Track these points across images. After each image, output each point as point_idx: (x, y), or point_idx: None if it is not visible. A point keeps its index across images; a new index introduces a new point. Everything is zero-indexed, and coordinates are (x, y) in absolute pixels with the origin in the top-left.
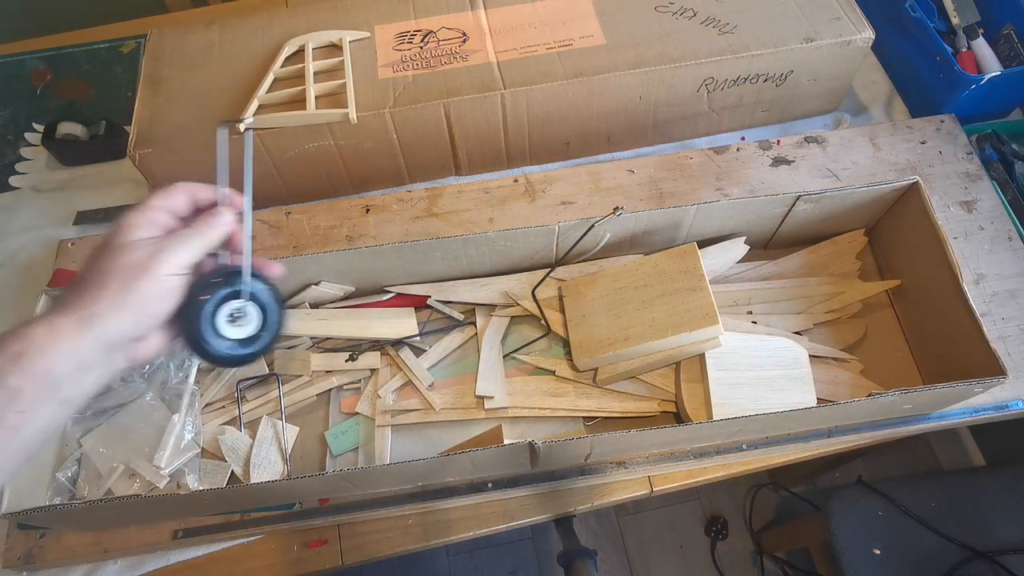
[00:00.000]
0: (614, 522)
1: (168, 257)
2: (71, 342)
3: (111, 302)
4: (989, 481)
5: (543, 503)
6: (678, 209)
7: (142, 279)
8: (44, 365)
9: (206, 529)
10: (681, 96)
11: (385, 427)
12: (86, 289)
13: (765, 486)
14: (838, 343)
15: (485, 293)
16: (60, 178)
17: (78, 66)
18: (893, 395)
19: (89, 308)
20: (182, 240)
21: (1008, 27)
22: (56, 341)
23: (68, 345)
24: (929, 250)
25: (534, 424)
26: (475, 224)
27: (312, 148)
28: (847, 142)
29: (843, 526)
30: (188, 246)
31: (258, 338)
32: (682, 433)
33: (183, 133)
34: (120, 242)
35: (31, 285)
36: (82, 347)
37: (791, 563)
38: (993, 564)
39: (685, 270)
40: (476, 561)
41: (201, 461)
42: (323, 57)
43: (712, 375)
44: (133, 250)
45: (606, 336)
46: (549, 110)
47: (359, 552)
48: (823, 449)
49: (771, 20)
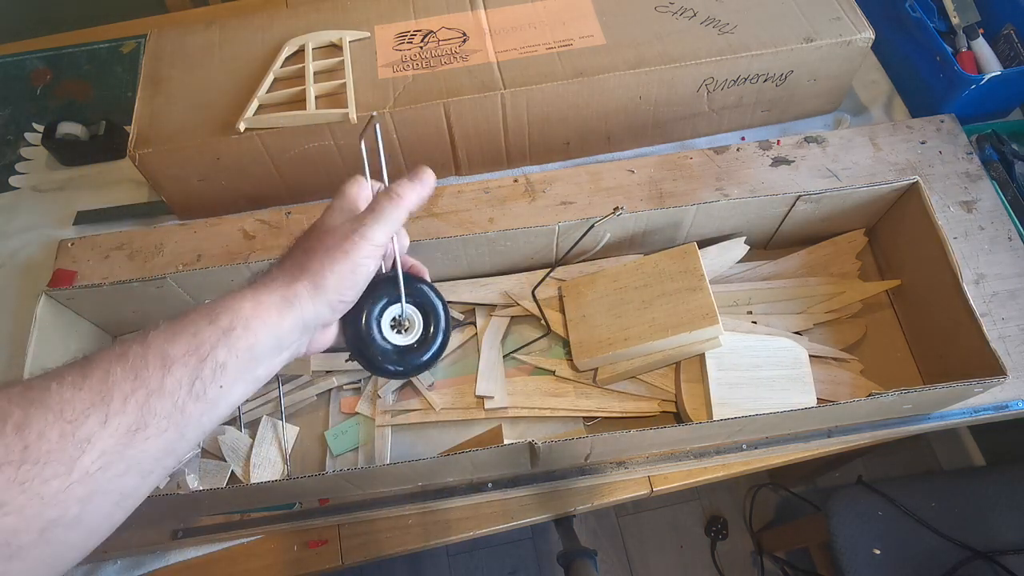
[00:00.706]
0: (614, 522)
1: (364, 235)
2: (275, 320)
3: (311, 285)
4: (989, 481)
5: (543, 503)
6: (678, 209)
7: (341, 261)
8: (249, 341)
9: (206, 529)
10: (681, 96)
11: (385, 427)
12: (289, 268)
13: (765, 486)
14: (838, 343)
15: (485, 293)
16: (60, 178)
17: (78, 66)
18: (893, 395)
19: (292, 288)
20: (375, 218)
21: (1008, 27)
22: (262, 318)
23: (272, 323)
24: (929, 250)
25: (534, 424)
26: (475, 224)
27: (312, 148)
28: (847, 142)
29: (843, 526)
30: (381, 223)
31: (424, 345)
32: (682, 433)
33: (183, 133)
34: (324, 225)
35: (31, 285)
36: (283, 327)
37: (791, 563)
38: (993, 564)
39: (685, 270)
40: (476, 561)
41: (201, 461)
42: (323, 57)
43: (712, 375)
44: (333, 232)
45: (606, 336)
46: (549, 110)
47: (359, 552)
48: (823, 449)
49: (771, 20)
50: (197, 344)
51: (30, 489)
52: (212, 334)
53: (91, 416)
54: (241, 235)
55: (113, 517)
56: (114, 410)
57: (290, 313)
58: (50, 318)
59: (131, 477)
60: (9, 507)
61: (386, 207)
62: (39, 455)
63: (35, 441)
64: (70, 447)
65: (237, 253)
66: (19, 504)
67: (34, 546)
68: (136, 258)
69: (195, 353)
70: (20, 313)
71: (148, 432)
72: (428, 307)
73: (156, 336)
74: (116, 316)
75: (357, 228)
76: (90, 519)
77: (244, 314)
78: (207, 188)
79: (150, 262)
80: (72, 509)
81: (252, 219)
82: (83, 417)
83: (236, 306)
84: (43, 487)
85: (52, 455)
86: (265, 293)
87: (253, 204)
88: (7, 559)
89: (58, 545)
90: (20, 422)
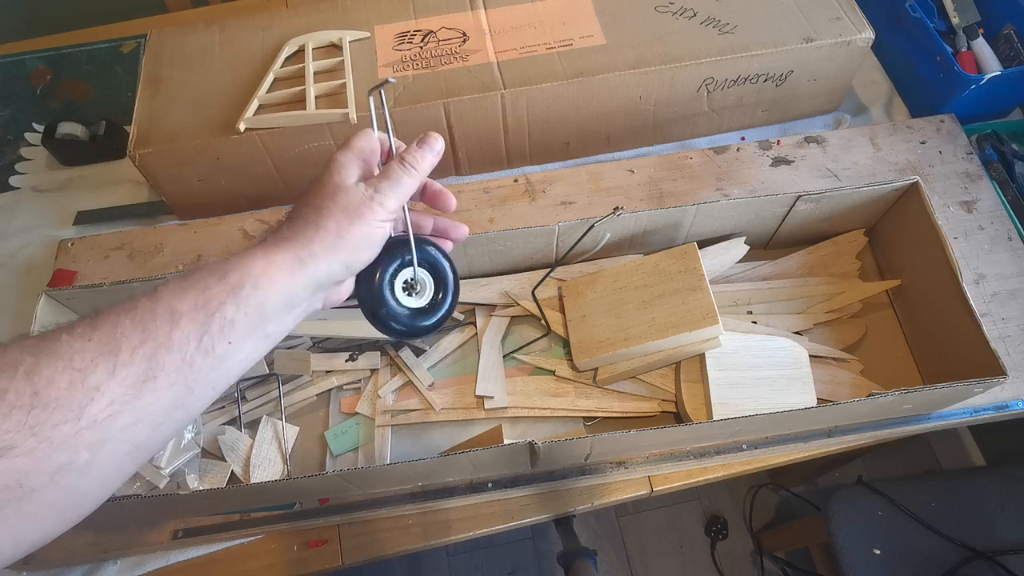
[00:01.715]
0: (614, 522)
1: (381, 202)
2: (286, 279)
3: (327, 244)
4: (989, 481)
5: (543, 503)
6: (678, 209)
7: (357, 223)
8: (259, 300)
9: (206, 529)
10: (681, 96)
11: (385, 427)
12: (303, 227)
13: (765, 486)
14: (838, 343)
15: (485, 293)
16: (60, 178)
17: (78, 66)
18: (893, 395)
19: (307, 247)
20: (390, 186)
21: (1008, 27)
22: (273, 277)
23: (283, 282)
24: (929, 250)
25: (534, 424)
26: (475, 224)
27: (312, 148)
28: (847, 142)
29: (843, 526)
30: (396, 192)
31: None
32: (682, 433)
33: (183, 133)
34: (336, 182)
35: (31, 285)
36: (295, 285)
37: (791, 563)
38: (993, 564)
39: (685, 270)
40: (476, 561)
41: (201, 461)
42: (323, 57)
43: (712, 375)
44: (349, 193)
45: (606, 336)
46: (549, 110)
47: (359, 552)
48: (823, 449)
49: (771, 20)
50: (206, 300)
51: (40, 432)
52: (221, 290)
53: (100, 365)
54: (241, 235)
55: (124, 468)
56: (122, 361)
57: (302, 272)
58: (50, 318)
59: (141, 428)
60: (19, 449)
61: (401, 176)
62: (48, 400)
63: (45, 387)
64: (79, 394)
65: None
66: (29, 447)
67: (45, 489)
68: (136, 258)
69: (203, 308)
70: (20, 313)
71: (157, 384)
72: (440, 271)
73: (165, 290)
74: None
75: (374, 195)
76: (101, 468)
77: (254, 272)
78: (207, 188)
79: (150, 262)
80: (82, 455)
81: (252, 219)
82: (92, 366)
83: (247, 263)
84: (52, 431)
85: (61, 401)
86: (277, 252)
87: (253, 204)
88: (19, 500)
89: (69, 491)
90: (31, 369)
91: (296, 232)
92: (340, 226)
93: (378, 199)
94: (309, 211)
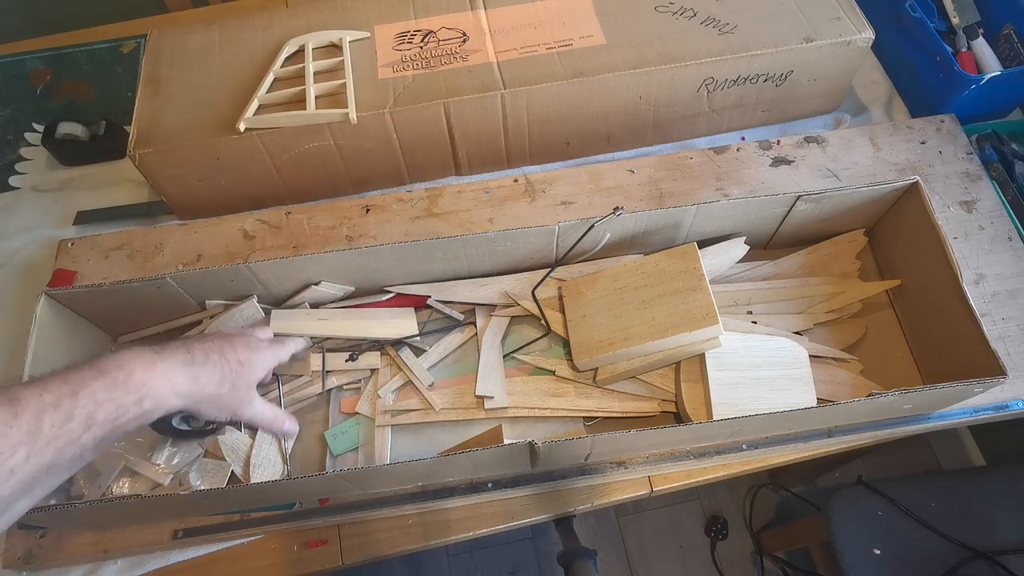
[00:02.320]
0: (614, 522)
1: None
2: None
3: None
4: (989, 481)
5: (543, 503)
6: (678, 209)
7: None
8: (154, 413)
9: (206, 529)
10: (681, 96)
11: (385, 427)
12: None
13: (765, 486)
14: (838, 343)
15: (485, 293)
16: (60, 178)
17: (78, 66)
18: (893, 395)
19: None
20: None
21: (1008, 27)
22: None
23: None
24: (929, 250)
25: (534, 424)
26: (475, 224)
27: (312, 148)
28: (847, 142)
29: (843, 526)
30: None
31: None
32: (682, 433)
33: (183, 133)
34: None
35: (31, 285)
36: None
37: (791, 563)
38: (993, 564)
39: (685, 270)
40: (476, 561)
41: (202, 461)
42: (323, 57)
43: (712, 375)
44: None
45: (606, 336)
46: (549, 110)
47: (359, 552)
48: (823, 449)
49: (771, 20)
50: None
51: None
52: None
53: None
54: (241, 235)
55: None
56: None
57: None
58: (50, 318)
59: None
60: None
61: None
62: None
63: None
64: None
65: (237, 253)
66: None
67: None
68: (136, 258)
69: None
70: (20, 313)
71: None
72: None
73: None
74: (116, 316)
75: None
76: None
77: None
78: (207, 188)
79: (150, 262)
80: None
81: (252, 219)
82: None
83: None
84: None
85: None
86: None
87: (253, 204)
88: None
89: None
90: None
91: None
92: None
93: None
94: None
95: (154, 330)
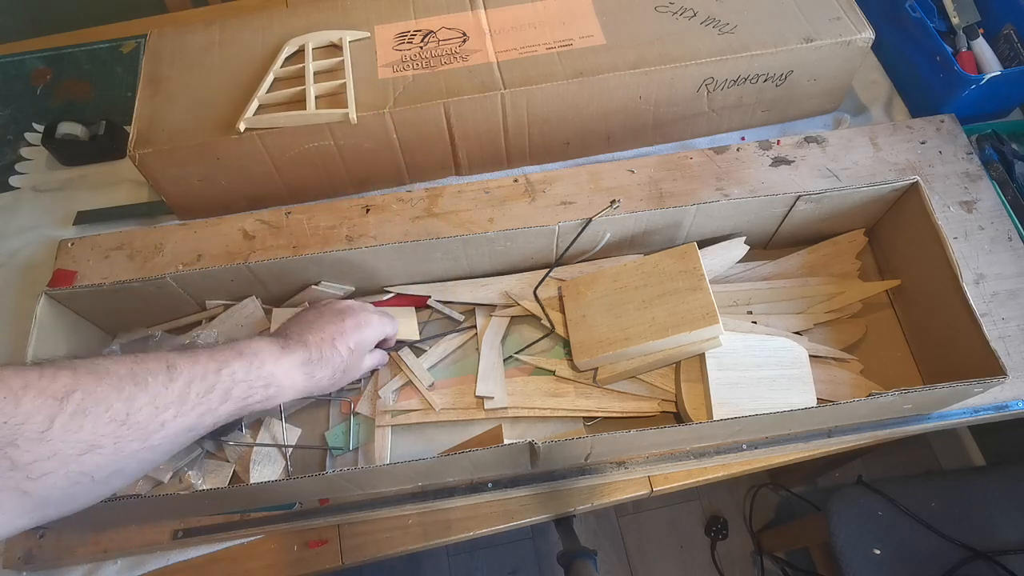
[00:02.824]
0: (614, 522)
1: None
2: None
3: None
4: (989, 481)
5: (543, 503)
6: (678, 209)
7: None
8: (279, 399)
9: (206, 529)
10: (681, 96)
11: (385, 427)
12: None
13: (765, 486)
14: (838, 343)
15: (485, 293)
16: (60, 178)
17: (78, 66)
18: (893, 395)
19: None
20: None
21: (1008, 27)
22: (294, 383)
23: (297, 388)
24: (929, 250)
25: (534, 424)
26: (475, 224)
27: (312, 148)
28: (847, 142)
29: (843, 526)
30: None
31: None
32: (682, 433)
33: (183, 133)
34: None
35: (31, 285)
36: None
37: (791, 563)
38: (993, 564)
39: (685, 270)
40: (476, 561)
41: (202, 460)
42: (323, 57)
43: (712, 375)
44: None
45: (606, 336)
46: (549, 110)
47: (359, 552)
48: (823, 449)
49: (771, 20)
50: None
51: (119, 445)
52: (254, 391)
53: (170, 408)
54: (241, 235)
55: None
56: (184, 411)
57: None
58: (50, 318)
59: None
60: (103, 451)
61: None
62: (134, 424)
63: (135, 413)
64: (153, 425)
65: (237, 253)
66: (108, 451)
67: (96, 484)
68: (136, 258)
69: (225, 394)
70: (20, 313)
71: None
72: None
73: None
74: (116, 316)
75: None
76: (136, 472)
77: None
78: (207, 188)
79: (150, 262)
80: (132, 466)
81: (252, 219)
82: (164, 408)
83: (270, 367)
84: (126, 446)
85: (139, 427)
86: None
87: (253, 204)
88: (90, 485)
89: (108, 488)
90: (130, 396)
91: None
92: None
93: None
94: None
95: (154, 330)
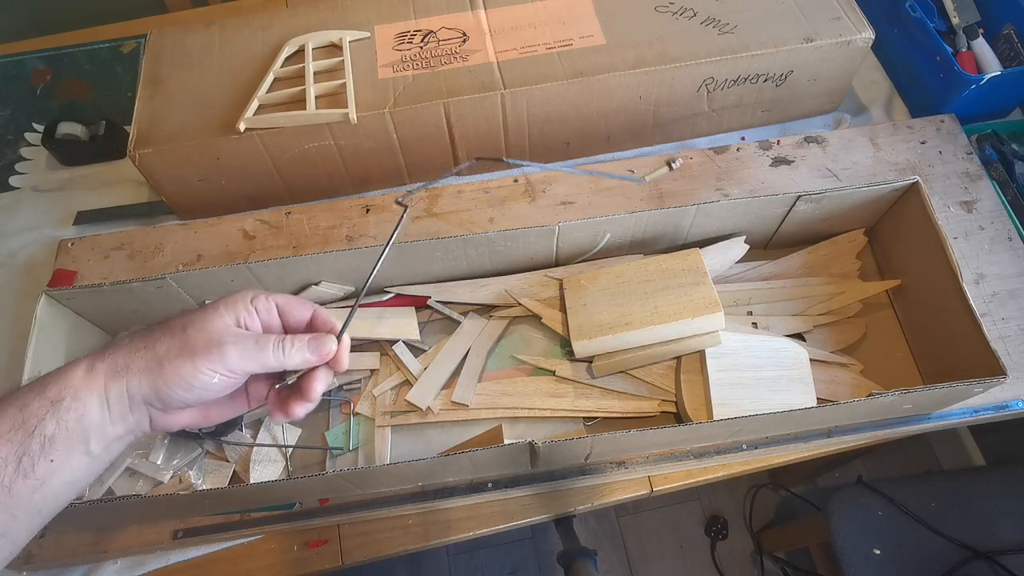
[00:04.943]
0: (614, 522)
1: (223, 355)
2: (101, 390)
3: (144, 366)
4: (989, 481)
5: (543, 503)
6: (678, 209)
7: (185, 360)
8: (79, 412)
9: (206, 529)
10: (681, 96)
11: (385, 427)
12: (143, 340)
13: (765, 486)
14: (838, 343)
15: (485, 293)
16: (60, 178)
17: (78, 66)
18: (893, 395)
19: (126, 360)
20: (246, 349)
21: (1008, 27)
22: (91, 387)
23: (100, 391)
24: (929, 250)
25: (534, 424)
26: (475, 224)
27: (312, 148)
28: (847, 142)
29: (843, 526)
30: (247, 356)
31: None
32: (682, 433)
33: (183, 133)
34: (207, 315)
35: (31, 285)
36: (110, 396)
37: (791, 563)
38: (993, 564)
39: (688, 268)
40: (476, 561)
41: (202, 460)
42: (323, 57)
43: (712, 375)
44: (204, 331)
45: (606, 320)
46: (549, 110)
47: (359, 552)
48: (823, 449)
49: (771, 20)
50: (24, 418)
51: None
52: (40, 406)
53: None
54: (241, 235)
55: None
56: None
57: (116, 382)
58: (50, 318)
59: None
60: None
61: (266, 349)
62: None
63: None
64: None
65: (237, 253)
66: None
67: None
68: (136, 258)
69: (21, 428)
70: (20, 313)
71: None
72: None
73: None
74: (116, 316)
75: (221, 347)
76: None
77: (74, 383)
78: (207, 188)
79: (150, 262)
80: None
81: (252, 219)
82: None
83: (67, 375)
84: None
85: None
86: (100, 360)
87: (253, 204)
88: None
89: None
90: None
91: (134, 342)
92: (169, 354)
93: (222, 352)
94: (159, 327)
95: None
